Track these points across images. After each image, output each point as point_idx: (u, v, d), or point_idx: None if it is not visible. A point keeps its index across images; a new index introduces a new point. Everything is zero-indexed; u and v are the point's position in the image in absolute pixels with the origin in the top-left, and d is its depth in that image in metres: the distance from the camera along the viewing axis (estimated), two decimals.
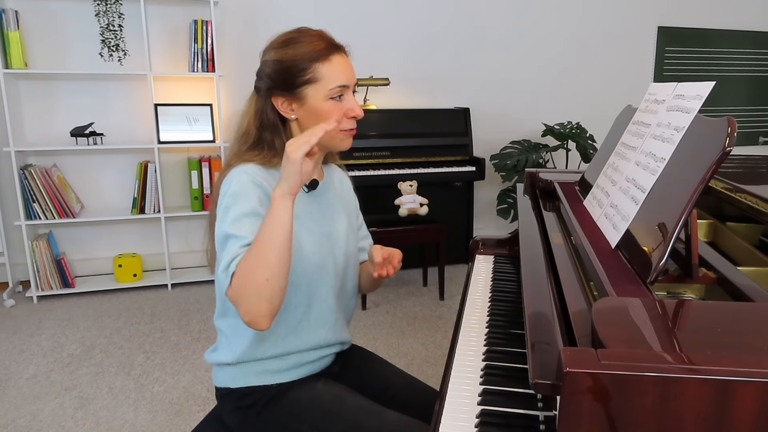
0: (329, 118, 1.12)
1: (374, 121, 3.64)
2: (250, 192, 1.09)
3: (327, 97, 1.13)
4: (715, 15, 4.51)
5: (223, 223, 1.07)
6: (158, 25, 3.43)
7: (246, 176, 1.11)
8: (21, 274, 3.46)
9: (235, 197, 1.08)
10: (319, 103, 1.14)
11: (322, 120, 1.12)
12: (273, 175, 1.15)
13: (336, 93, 1.14)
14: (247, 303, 0.98)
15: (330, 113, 1.14)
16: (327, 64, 1.13)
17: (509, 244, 1.71)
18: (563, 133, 3.88)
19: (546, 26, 4.18)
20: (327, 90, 1.13)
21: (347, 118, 1.16)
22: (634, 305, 0.75)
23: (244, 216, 1.06)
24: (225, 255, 1.04)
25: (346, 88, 1.15)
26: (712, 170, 0.83)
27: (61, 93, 3.38)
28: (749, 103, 4.77)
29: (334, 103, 1.14)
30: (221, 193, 1.12)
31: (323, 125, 1.04)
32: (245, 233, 1.04)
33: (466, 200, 3.91)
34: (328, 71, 1.13)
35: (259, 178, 1.12)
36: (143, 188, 3.41)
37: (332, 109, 1.14)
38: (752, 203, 1.14)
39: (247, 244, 1.03)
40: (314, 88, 1.13)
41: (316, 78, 1.13)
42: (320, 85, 1.13)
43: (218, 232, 1.08)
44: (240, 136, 1.20)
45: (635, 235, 0.95)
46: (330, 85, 1.13)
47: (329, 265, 1.22)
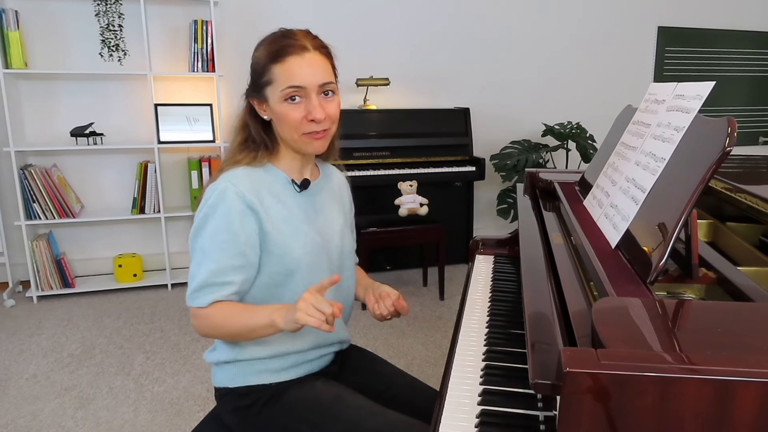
0: (286, 119, 1.13)
1: (374, 121, 3.64)
2: (230, 207, 1.11)
3: (281, 98, 1.12)
4: (715, 15, 4.50)
5: (202, 233, 1.13)
6: (158, 25, 3.43)
7: (230, 186, 1.12)
8: (21, 274, 3.46)
9: (215, 209, 1.12)
10: (277, 105, 1.13)
11: (283, 122, 1.14)
12: (264, 183, 1.18)
13: (288, 94, 1.12)
14: (202, 332, 1.14)
15: (287, 115, 1.13)
16: (280, 66, 1.11)
17: (509, 244, 1.71)
18: (563, 133, 3.88)
19: (546, 26, 4.18)
20: (279, 92, 1.12)
21: (306, 121, 1.13)
22: (634, 305, 0.75)
23: (219, 233, 1.11)
24: (198, 274, 1.12)
25: (299, 89, 1.11)
26: (712, 170, 0.83)
27: (61, 93, 3.37)
28: (749, 103, 4.77)
29: (290, 105, 1.12)
30: (204, 197, 1.15)
31: (329, 279, 1.06)
32: (217, 256, 1.11)
33: (466, 200, 3.91)
34: (280, 72, 1.11)
35: (242, 188, 1.12)
36: (143, 188, 3.41)
37: (289, 111, 1.12)
38: (752, 203, 1.14)
39: (217, 269, 1.11)
40: (271, 89, 1.13)
41: (270, 80, 1.13)
42: (275, 86, 1.13)
43: (195, 238, 1.14)
44: (234, 138, 1.23)
45: (635, 235, 0.95)
46: (282, 86, 1.11)
47: (324, 264, 1.22)
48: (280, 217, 1.16)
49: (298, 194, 1.22)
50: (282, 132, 1.17)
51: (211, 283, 1.11)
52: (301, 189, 1.22)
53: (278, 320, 1.05)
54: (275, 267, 1.16)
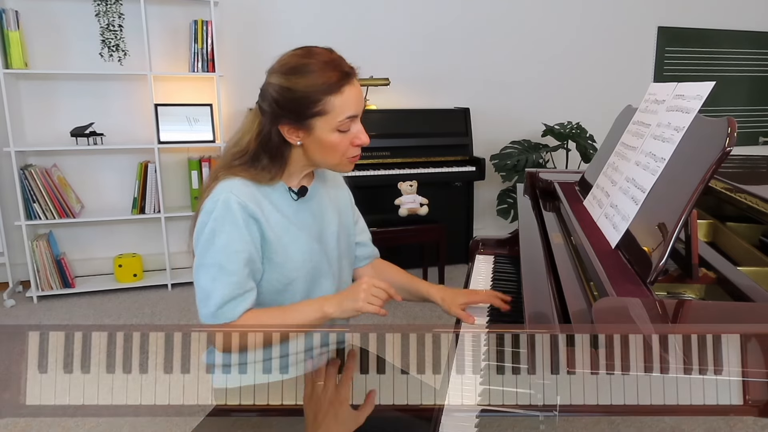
0: (335, 148, 1.12)
1: (374, 121, 3.64)
2: (236, 217, 1.09)
3: (335, 129, 1.10)
4: (715, 15, 4.50)
5: (213, 247, 1.09)
6: (158, 25, 3.42)
7: (232, 197, 1.09)
8: (21, 274, 3.45)
9: (222, 222, 1.09)
10: (327, 135, 1.10)
11: (328, 149, 1.12)
12: (262, 191, 1.14)
13: (346, 126, 1.11)
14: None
15: (336, 145, 1.11)
16: (339, 97, 1.08)
17: (509, 244, 1.71)
18: (563, 133, 3.88)
19: (546, 26, 4.18)
20: (336, 122, 1.10)
21: (353, 146, 1.14)
22: (634, 305, 0.75)
23: (232, 245, 1.09)
24: (217, 290, 1.08)
25: (355, 117, 1.12)
26: (712, 170, 0.83)
27: (61, 93, 3.37)
28: (749, 103, 4.77)
29: (342, 134, 1.11)
30: (204, 209, 1.11)
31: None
32: (235, 268, 1.09)
33: (466, 200, 3.91)
34: (339, 104, 1.08)
35: (243, 198, 1.10)
36: (143, 188, 3.41)
37: (341, 140, 1.11)
38: (752, 203, 1.14)
39: (238, 281, 1.09)
40: (323, 120, 1.09)
41: (326, 111, 1.09)
42: (330, 117, 1.09)
43: (204, 252, 1.10)
44: (237, 152, 1.16)
45: (635, 235, 0.95)
46: (340, 117, 1.09)
47: (324, 269, 1.23)
48: (280, 225, 1.15)
49: (295, 202, 1.20)
50: (322, 157, 1.14)
51: (236, 295, 1.09)
52: (299, 196, 1.20)
53: (332, 311, 1.07)
54: (275, 274, 1.16)
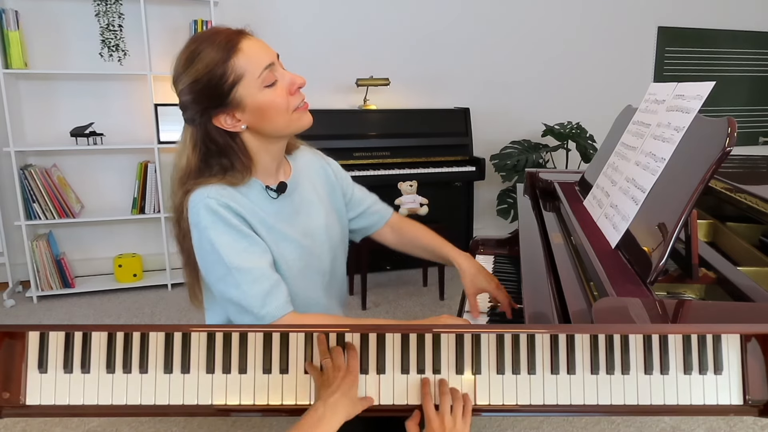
0: (275, 106, 1.05)
1: (374, 121, 3.64)
2: (225, 216, 1.04)
3: (261, 86, 1.04)
4: (715, 15, 4.50)
5: (218, 258, 1.04)
6: (158, 25, 3.42)
7: (212, 201, 1.04)
8: (21, 274, 3.45)
9: (214, 228, 1.04)
10: (258, 97, 1.04)
11: (270, 112, 1.05)
12: (241, 192, 1.09)
13: (269, 78, 1.04)
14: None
15: (273, 101, 1.05)
16: (240, 55, 1.02)
17: (509, 244, 1.71)
18: (563, 133, 3.88)
19: (546, 26, 4.18)
20: (256, 79, 1.03)
21: (291, 94, 1.07)
22: (634, 305, 0.75)
23: (236, 244, 1.05)
24: (248, 293, 1.03)
25: (272, 66, 1.05)
26: (712, 170, 0.83)
27: (61, 93, 3.37)
28: (749, 103, 4.77)
29: (272, 89, 1.05)
30: (191, 222, 1.06)
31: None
32: (251, 264, 1.05)
33: (466, 200, 3.91)
34: (245, 61, 1.02)
35: (224, 199, 1.05)
36: (143, 188, 3.41)
37: (274, 96, 1.05)
38: (752, 203, 1.14)
39: (261, 274, 1.05)
40: (243, 86, 1.03)
41: (238, 74, 1.02)
42: (247, 78, 1.03)
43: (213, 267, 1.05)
44: (182, 173, 1.09)
45: (635, 235, 0.95)
46: (256, 72, 1.03)
47: (314, 265, 1.21)
48: (263, 226, 1.11)
49: (276, 200, 1.15)
50: (271, 124, 1.08)
51: (267, 290, 1.05)
52: (278, 194, 1.15)
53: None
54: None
